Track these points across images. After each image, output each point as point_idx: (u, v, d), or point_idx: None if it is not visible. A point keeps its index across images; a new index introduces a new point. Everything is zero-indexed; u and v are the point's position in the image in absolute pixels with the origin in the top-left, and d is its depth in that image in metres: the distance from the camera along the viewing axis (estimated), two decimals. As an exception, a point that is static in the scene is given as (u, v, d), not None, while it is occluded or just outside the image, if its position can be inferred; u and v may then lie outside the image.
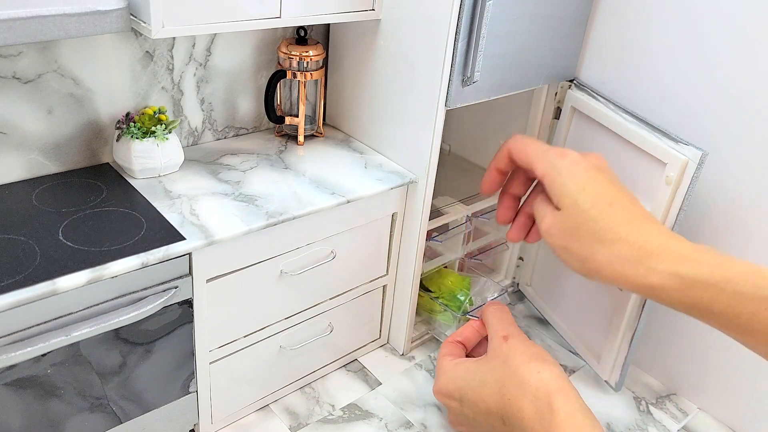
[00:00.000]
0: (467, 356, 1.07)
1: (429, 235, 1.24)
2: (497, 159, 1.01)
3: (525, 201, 1.07)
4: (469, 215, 1.31)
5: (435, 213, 1.25)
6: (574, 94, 1.23)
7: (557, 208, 0.85)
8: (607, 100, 1.18)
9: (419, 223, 1.17)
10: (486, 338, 1.05)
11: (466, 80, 1.05)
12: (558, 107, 1.29)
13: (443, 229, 1.29)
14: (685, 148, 1.03)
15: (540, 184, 0.95)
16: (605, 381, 1.28)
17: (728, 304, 0.72)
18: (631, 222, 0.79)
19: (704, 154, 1.01)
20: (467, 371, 0.88)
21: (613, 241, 0.78)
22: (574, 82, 1.26)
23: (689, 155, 1.02)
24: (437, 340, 1.35)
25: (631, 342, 1.18)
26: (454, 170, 1.45)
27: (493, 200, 1.34)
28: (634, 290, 0.79)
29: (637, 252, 0.76)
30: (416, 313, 1.30)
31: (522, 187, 1.05)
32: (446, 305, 1.28)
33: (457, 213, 1.29)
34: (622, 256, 0.78)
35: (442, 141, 1.11)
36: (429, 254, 1.30)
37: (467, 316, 1.26)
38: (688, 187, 1.03)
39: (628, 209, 0.81)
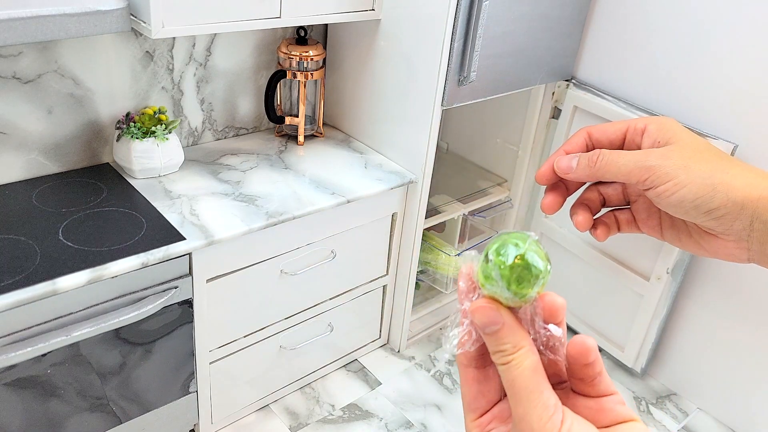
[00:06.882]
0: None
1: (434, 229, 1.25)
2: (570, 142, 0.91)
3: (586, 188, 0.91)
4: (466, 213, 1.32)
5: (432, 211, 1.25)
6: (576, 93, 1.23)
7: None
8: (616, 98, 1.19)
9: (416, 220, 1.18)
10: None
11: (462, 80, 1.05)
12: (556, 107, 1.29)
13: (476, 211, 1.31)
14: (712, 142, 1.05)
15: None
16: (630, 368, 1.32)
17: None
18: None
19: (735, 147, 1.02)
20: None
21: (735, 163, 0.79)
22: (573, 81, 1.26)
23: None
24: (429, 339, 1.35)
25: (660, 327, 1.23)
26: (451, 168, 1.45)
27: (487, 200, 1.35)
28: (760, 202, 0.77)
29: (757, 170, 0.78)
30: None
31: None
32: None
33: (453, 211, 1.29)
34: (747, 169, 0.79)
35: (440, 139, 1.11)
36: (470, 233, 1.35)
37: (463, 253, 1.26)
38: None
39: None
